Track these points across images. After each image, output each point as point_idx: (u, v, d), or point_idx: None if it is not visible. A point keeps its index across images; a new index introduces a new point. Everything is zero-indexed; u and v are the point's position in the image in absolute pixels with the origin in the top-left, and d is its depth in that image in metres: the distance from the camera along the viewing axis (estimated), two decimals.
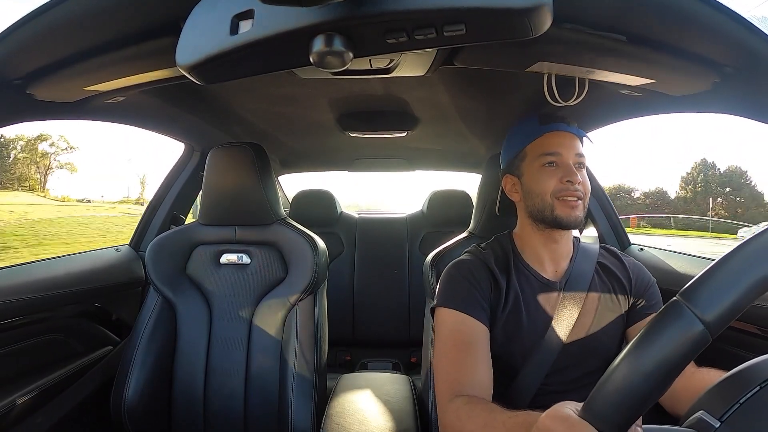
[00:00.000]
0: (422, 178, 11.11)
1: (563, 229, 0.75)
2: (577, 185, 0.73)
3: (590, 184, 0.77)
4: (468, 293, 0.73)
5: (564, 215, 0.73)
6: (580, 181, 0.74)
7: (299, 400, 0.97)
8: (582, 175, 0.75)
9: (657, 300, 0.77)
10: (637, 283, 0.78)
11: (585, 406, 0.37)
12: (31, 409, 0.89)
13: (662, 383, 0.33)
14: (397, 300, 1.96)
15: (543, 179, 0.75)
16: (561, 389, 0.71)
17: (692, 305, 0.33)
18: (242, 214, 1.09)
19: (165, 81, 0.70)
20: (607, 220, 1.31)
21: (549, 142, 0.76)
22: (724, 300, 0.33)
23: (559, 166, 0.75)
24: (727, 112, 0.71)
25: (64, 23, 0.55)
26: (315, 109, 1.22)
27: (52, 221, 15.36)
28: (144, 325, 1.02)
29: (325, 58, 0.43)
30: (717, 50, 0.56)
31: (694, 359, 0.33)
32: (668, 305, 0.35)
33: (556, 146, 0.75)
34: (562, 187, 0.74)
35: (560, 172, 0.74)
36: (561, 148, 0.75)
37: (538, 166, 0.76)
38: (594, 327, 0.73)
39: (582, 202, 0.74)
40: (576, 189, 0.73)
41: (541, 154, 0.76)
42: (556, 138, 0.76)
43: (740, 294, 0.33)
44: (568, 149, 0.75)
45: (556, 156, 0.75)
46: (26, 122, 0.80)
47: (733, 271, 0.33)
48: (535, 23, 0.40)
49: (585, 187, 0.75)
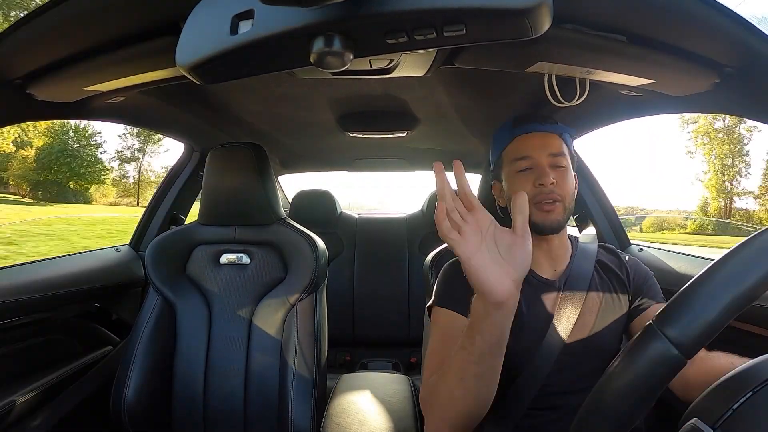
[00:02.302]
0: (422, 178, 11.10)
1: (542, 234, 0.73)
2: (551, 186, 0.70)
3: (594, 184, 0.77)
4: (463, 294, 0.73)
5: (540, 221, 0.71)
6: (554, 182, 0.71)
7: (299, 400, 0.97)
8: (559, 175, 0.72)
9: (656, 291, 0.77)
10: (635, 278, 0.78)
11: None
12: (31, 409, 0.89)
13: (640, 406, 0.34)
14: (397, 300, 1.96)
15: (518, 185, 0.73)
16: (563, 389, 0.71)
17: (666, 330, 0.34)
18: (242, 214, 1.09)
19: (165, 81, 0.70)
20: (607, 220, 1.31)
21: (520, 146, 0.75)
22: (697, 324, 0.33)
23: (532, 169, 0.73)
24: (728, 112, 0.71)
25: (64, 23, 0.55)
26: (315, 110, 1.22)
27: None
28: (144, 325, 1.02)
29: (325, 59, 0.43)
30: (717, 50, 0.56)
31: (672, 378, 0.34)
32: (644, 330, 0.36)
33: (526, 149, 0.74)
34: (536, 192, 0.71)
35: (533, 175, 0.72)
36: (532, 150, 0.73)
37: (513, 171, 0.75)
38: (596, 326, 0.73)
39: (561, 204, 0.72)
40: (550, 191, 0.71)
41: (514, 159, 0.75)
42: (527, 140, 0.75)
43: (714, 317, 0.33)
44: (540, 150, 0.73)
45: (527, 160, 0.73)
46: (26, 122, 0.80)
47: (706, 293, 0.34)
48: (534, 23, 0.40)
49: (563, 188, 0.72)
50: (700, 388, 0.51)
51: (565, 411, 0.70)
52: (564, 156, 0.75)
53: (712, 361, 0.62)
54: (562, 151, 0.75)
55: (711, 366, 0.61)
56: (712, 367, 0.61)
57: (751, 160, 25.24)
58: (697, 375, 0.60)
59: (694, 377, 0.59)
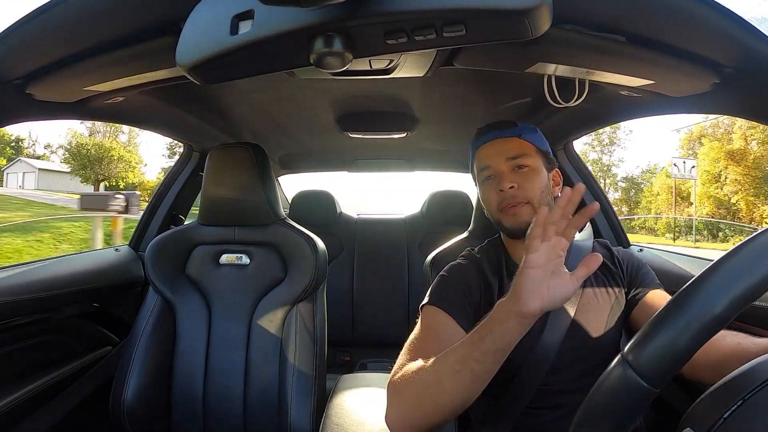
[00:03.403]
0: (422, 178, 11.12)
1: (517, 238, 0.75)
2: (510, 191, 0.72)
3: (593, 184, 0.77)
4: (455, 297, 0.73)
5: (509, 224, 0.74)
6: (513, 185, 0.72)
7: (299, 400, 0.96)
8: (521, 176, 0.74)
9: (650, 279, 0.77)
10: (628, 270, 0.78)
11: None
12: (31, 409, 0.89)
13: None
14: (397, 300, 1.96)
15: (486, 195, 0.78)
16: (563, 388, 0.71)
17: (634, 363, 0.34)
18: (242, 214, 1.09)
19: (165, 81, 0.70)
20: (606, 220, 1.31)
21: (482, 156, 0.78)
22: (665, 357, 0.33)
23: (494, 177, 0.76)
24: (727, 112, 0.72)
25: (64, 23, 0.55)
26: (315, 110, 1.22)
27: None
28: (143, 325, 1.02)
29: (324, 59, 0.43)
30: (716, 51, 0.56)
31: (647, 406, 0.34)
32: (615, 361, 0.36)
33: (486, 159, 0.77)
34: (500, 198, 0.74)
35: (496, 182, 0.75)
36: (490, 159, 0.76)
37: (480, 182, 0.79)
38: (593, 324, 0.73)
39: (529, 205, 0.73)
40: (512, 196, 0.73)
41: (479, 170, 0.79)
42: (487, 149, 0.78)
43: (681, 349, 0.33)
44: (498, 156, 0.75)
45: (488, 169, 0.76)
46: (26, 122, 0.80)
47: (674, 325, 0.34)
48: (534, 24, 0.40)
49: (527, 189, 0.73)
50: (708, 368, 0.55)
51: (566, 410, 0.70)
52: (526, 156, 0.75)
53: (720, 342, 0.61)
54: (523, 151, 0.76)
55: (718, 346, 0.60)
56: (719, 348, 0.60)
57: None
58: (705, 356, 0.58)
59: (701, 358, 0.58)
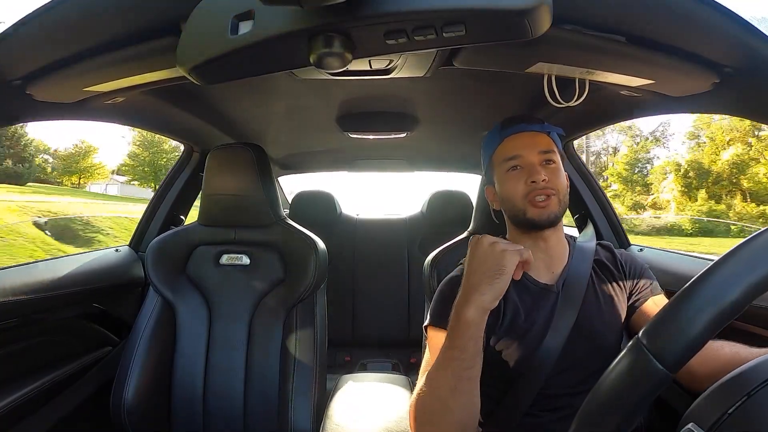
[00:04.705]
0: (422, 179, 11.09)
1: (540, 229, 0.75)
2: (543, 182, 0.73)
3: (593, 184, 0.77)
4: None
5: (536, 216, 0.74)
6: (545, 178, 0.73)
7: (299, 400, 0.96)
8: (551, 171, 0.74)
9: (653, 285, 0.77)
10: (631, 273, 0.78)
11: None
12: (31, 410, 0.89)
13: (628, 420, 0.34)
14: (397, 301, 1.96)
15: (510, 184, 0.76)
16: (566, 391, 0.71)
17: (650, 346, 0.34)
18: (242, 214, 1.09)
19: (165, 81, 0.70)
20: (607, 219, 1.31)
21: (509, 146, 0.77)
22: (682, 340, 0.33)
23: (523, 168, 0.75)
24: (727, 112, 0.72)
25: (64, 23, 0.55)
26: (315, 110, 1.22)
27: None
28: (144, 325, 1.02)
29: (324, 59, 0.43)
30: (716, 51, 0.56)
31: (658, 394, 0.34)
32: (630, 345, 0.36)
33: (516, 149, 0.76)
34: (529, 189, 0.73)
35: (525, 174, 0.74)
36: (521, 149, 0.76)
37: (503, 172, 0.77)
38: (595, 326, 0.73)
39: (555, 198, 0.73)
40: (543, 187, 0.73)
41: (504, 159, 0.77)
42: (516, 141, 0.77)
43: (697, 333, 0.33)
44: (530, 148, 0.75)
45: (517, 159, 0.76)
46: (26, 122, 0.80)
47: (690, 308, 0.34)
48: (534, 24, 0.40)
49: (555, 183, 0.74)
50: (706, 377, 0.54)
51: (568, 412, 0.70)
52: (554, 153, 0.76)
53: (717, 351, 0.62)
54: (552, 148, 0.76)
55: (716, 356, 0.61)
56: (717, 358, 0.61)
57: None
58: (702, 365, 0.59)
59: (700, 367, 0.59)
